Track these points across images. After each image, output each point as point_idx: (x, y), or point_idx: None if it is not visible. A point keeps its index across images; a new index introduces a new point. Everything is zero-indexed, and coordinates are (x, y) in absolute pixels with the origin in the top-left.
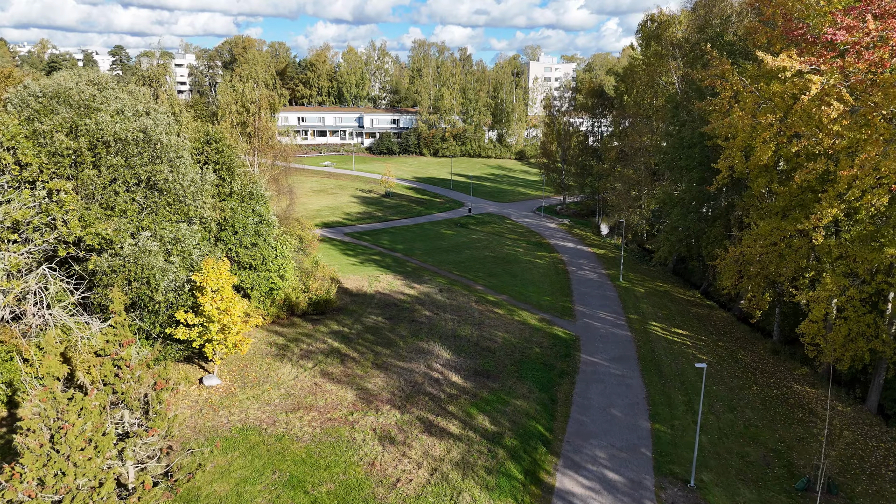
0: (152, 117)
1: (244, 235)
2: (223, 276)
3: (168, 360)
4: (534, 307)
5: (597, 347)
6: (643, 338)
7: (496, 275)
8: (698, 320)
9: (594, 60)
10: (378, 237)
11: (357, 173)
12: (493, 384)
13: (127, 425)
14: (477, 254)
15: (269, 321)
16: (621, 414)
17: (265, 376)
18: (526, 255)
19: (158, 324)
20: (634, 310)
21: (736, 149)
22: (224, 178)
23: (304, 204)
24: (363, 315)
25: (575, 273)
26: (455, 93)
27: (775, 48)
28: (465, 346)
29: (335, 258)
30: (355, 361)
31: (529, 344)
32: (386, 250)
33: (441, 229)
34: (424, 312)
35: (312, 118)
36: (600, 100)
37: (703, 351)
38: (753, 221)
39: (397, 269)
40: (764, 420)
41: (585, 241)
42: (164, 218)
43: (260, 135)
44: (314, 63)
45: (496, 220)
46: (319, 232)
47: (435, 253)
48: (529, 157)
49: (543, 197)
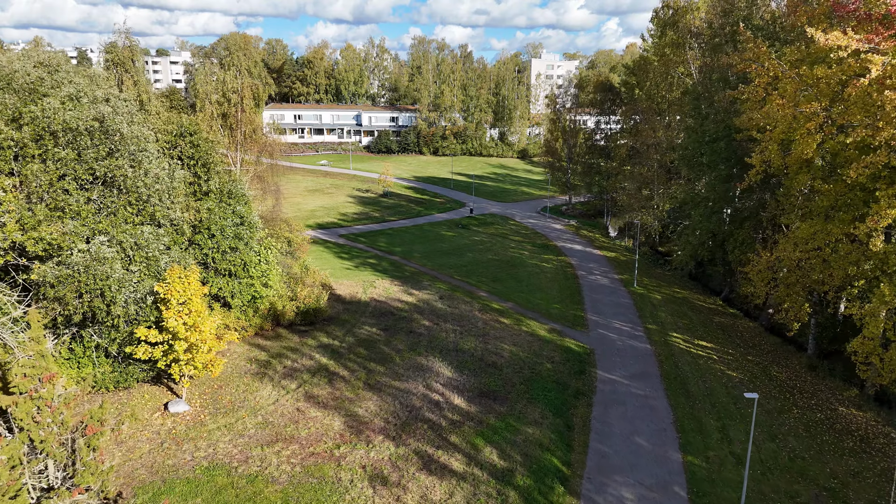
0: (112, 105)
1: (222, 239)
2: (192, 286)
3: (131, 381)
4: (542, 316)
5: (614, 363)
6: (664, 351)
7: (501, 280)
8: (723, 331)
9: (597, 58)
10: (375, 239)
11: (354, 172)
12: (500, 408)
13: (52, 479)
14: (480, 257)
15: (252, 333)
16: (647, 443)
17: (241, 400)
18: (532, 259)
19: (118, 341)
20: (652, 319)
21: (773, 141)
22: (200, 174)
23: (298, 204)
24: (356, 325)
25: (585, 278)
26: (455, 90)
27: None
28: (469, 361)
29: (328, 262)
30: (345, 381)
31: (539, 359)
32: (383, 253)
33: (441, 231)
34: (423, 322)
35: (309, 116)
36: (608, 94)
37: (733, 367)
38: (792, 223)
39: (394, 274)
40: (810, 450)
41: (594, 243)
42: (124, 220)
43: (242, 128)
44: (311, 60)
45: (499, 220)
46: (313, 234)
47: (435, 256)
48: (532, 155)
49: (548, 197)
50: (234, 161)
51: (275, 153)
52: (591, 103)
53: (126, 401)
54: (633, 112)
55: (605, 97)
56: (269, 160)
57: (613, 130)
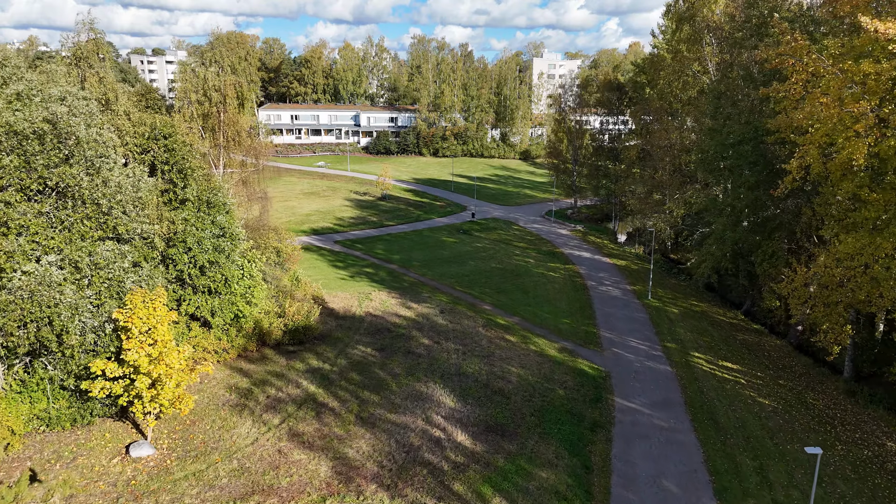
0: (68, 104)
1: (200, 253)
2: (157, 312)
3: (91, 417)
4: (552, 332)
5: (633, 388)
6: (687, 374)
7: (505, 291)
8: (748, 349)
9: (600, 57)
10: (372, 246)
11: (352, 174)
12: (510, 445)
13: None
14: (482, 265)
15: (234, 355)
16: (677, 489)
17: (216, 440)
18: (538, 268)
19: (73, 374)
20: (670, 336)
21: (813, 145)
22: (175, 181)
23: (292, 208)
24: (350, 344)
25: (595, 289)
26: (456, 89)
27: (871, 18)
28: (473, 387)
29: (322, 271)
30: (335, 414)
31: (551, 383)
32: (380, 261)
33: (442, 236)
34: (423, 341)
35: (306, 116)
36: (617, 94)
37: (763, 392)
38: (832, 236)
39: (392, 285)
40: (862, 496)
41: (603, 250)
42: (81, 236)
43: (225, 130)
44: (309, 60)
45: (502, 225)
46: (307, 240)
47: (435, 264)
48: (535, 156)
49: (552, 200)
50: (217, 166)
51: (261, 156)
52: (599, 103)
53: (84, 441)
54: (643, 112)
55: (614, 97)
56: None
57: (622, 131)
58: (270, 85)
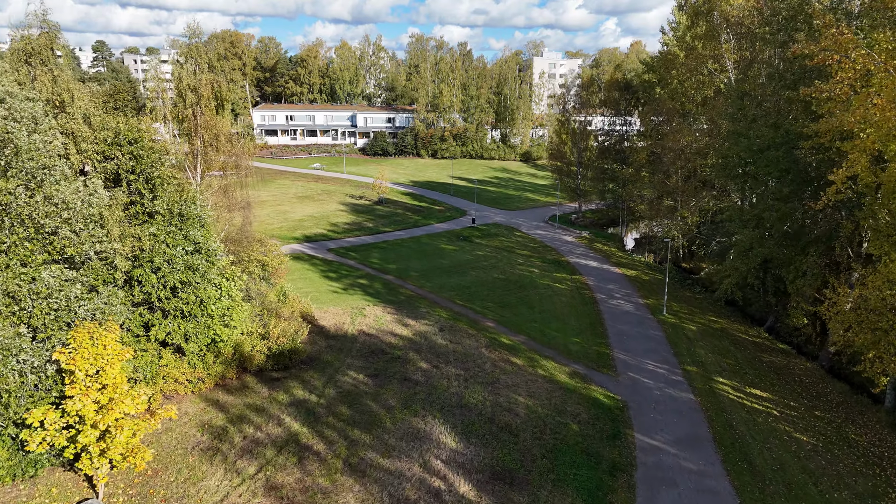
0: (7, 107)
1: (170, 272)
2: (107, 350)
3: (35, 470)
4: (561, 354)
5: (654, 421)
6: (713, 404)
7: (509, 305)
8: (776, 374)
9: (601, 56)
10: (367, 254)
11: (348, 177)
12: (520, 497)
13: None
14: (484, 276)
15: (211, 384)
16: None
17: (179, 496)
18: (543, 278)
19: (12, 421)
20: (690, 357)
21: (863, 152)
22: (143, 192)
23: (285, 213)
24: (340, 370)
25: (605, 302)
26: (455, 89)
27: None
28: (477, 422)
29: (313, 283)
30: (319, 460)
31: (563, 416)
32: (375, 271)
33: (441, 244)
34: (420, 364)
35: (302, 117)
36: (624, 94)
37: (799, 426)
38: (885, 254)
39: (388, 298)
40: None
41: (611, 258)
42: (21, 261)
43: (201, 133)
44: (305, 59)
45: (504, 232)
46: (299, 248)
47: (434, 275)
48: (536, 158)
49: (555, 204)
50: (195, 173)
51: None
52: (605, 103)
53: (26, 499)
54: (653, 113)
55: (621, 97)
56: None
57: (629, 133)
58: (266, 85)
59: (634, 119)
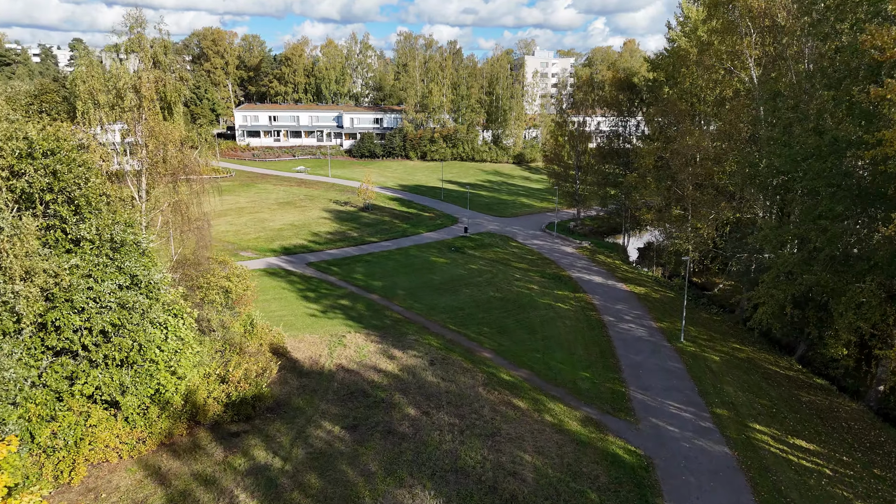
0: None
1: (98, 313)
2: None
3: None
4: (570, 393)
5: (686, 485)
6: (753, 461)
7: (508, 330)
8: (819, 418)
9: (594, 55)
10: (351, 268)
11: (333, 180)
12: None
13: None
14: (479, 294)
15: (154, 445)
16: None
17: None
18: (544, 297)
19: None
20: (718, 397)
21: None
22: (64, 216)
23: (264, 221)
24: (312, 419)
25: (615, 326)
26: (445, 88)
27: None
28: (475, 493)
29: (289, 305)
30: None
31: (578, 481)
32: (359, 290)
33: (431, 256)
34: (408, 410)
35: (285, 117)
36: (628, 93)
37: (860, 490)
38: None
39: (371, 323)
40: None
41: (616, 273)
42: None
43: (146, 143)
44: (290, 57)
45: (498, 242)
46: (276, 262)
47: (424, 293)
48: (529, 160)
49: (552, 210)
50: (137, 189)
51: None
52: (607, 104)
53: None
54: (660, 114)
55: (626, 97)
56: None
57: (632, 134)
58: (250, 84)
59: (638, 120)
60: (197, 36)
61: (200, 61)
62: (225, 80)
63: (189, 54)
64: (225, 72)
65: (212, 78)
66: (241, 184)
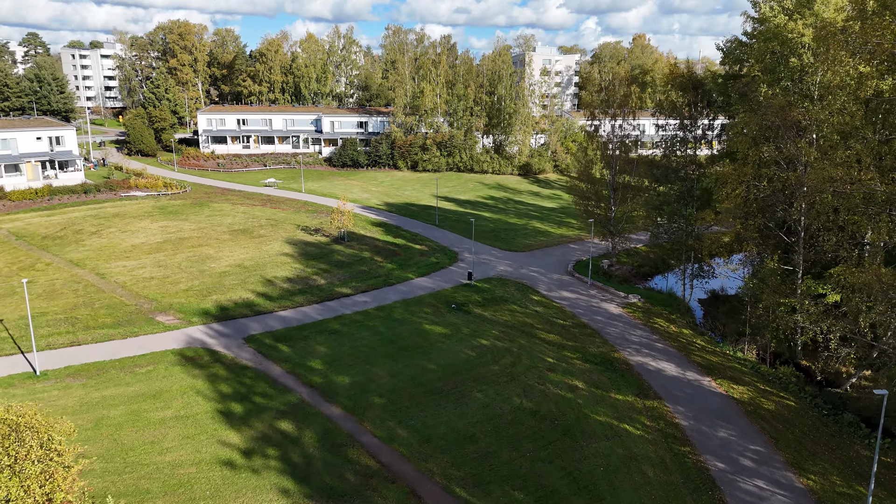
0: None
1: None
2: None
3: None
4: None
5: None
6: None
7: (553, 494)
8: None
9: (602, 51)
10: (307, 347)
11: (306, 197)
12: None
13: None
14: (498, 401)
15: None
16: None
17: None
18: (597, 409)
19: None
20: None
21: None
22: None
23: (204, 261)
24: None
25: (733, 485)
26: (439, 88)
27: None
28: None
29: (192, 437)
30: None
31: None
32: (313, 394)
33: (423, 321)
34: None
35: (256, 121)
36: (694, 95)
37: None
38: None
39: (323, 485)
40: None
41: (691, 352)
42: None
43: None
44: (265, 53)
45: (514, 294)
46: (198, 336)
47: (413, 402)
48: (537, 171)
49: (573, 239)
50: None
51: None
52: (661, 108)
53: None
54: (757, 124)
55: (690, 99)
56: None
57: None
58: (224, 83)
59: (705, 129)
60: (162, 30)
61: (167, 58)
62: (194, 79)
63: (155, 50)
64: (194, 69)
65: (177, 76)
66: (195, 202)
